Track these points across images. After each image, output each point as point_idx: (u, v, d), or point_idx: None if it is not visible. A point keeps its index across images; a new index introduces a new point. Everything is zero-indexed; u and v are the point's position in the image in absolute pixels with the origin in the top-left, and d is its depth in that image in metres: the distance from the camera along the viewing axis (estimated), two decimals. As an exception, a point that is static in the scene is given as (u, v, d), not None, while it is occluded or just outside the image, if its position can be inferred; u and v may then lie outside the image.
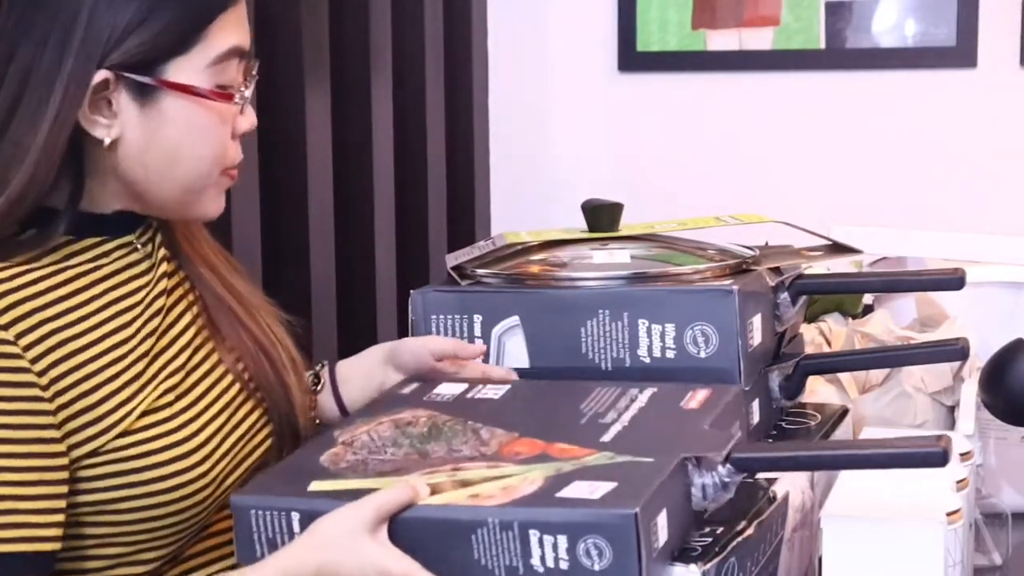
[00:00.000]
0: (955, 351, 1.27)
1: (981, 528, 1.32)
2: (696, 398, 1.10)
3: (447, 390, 1.19)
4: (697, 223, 1.39)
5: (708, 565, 0.92)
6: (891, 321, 1.56)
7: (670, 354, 1.16)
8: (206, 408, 1.14)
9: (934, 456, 0.93)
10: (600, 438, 1.03)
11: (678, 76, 2.86)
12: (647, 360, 1.16)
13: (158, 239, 1.19)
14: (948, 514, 1.00)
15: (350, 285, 2.20)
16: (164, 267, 1.17)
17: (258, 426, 1.21)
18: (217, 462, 1.13)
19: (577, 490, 0.93)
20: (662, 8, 2.83)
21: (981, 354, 1.40)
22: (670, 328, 1.16)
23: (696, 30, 2.84)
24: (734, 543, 0.96)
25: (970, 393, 1.34)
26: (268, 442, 1.22)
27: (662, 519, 0.92)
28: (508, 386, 1.19)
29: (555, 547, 0.90)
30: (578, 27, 2.91)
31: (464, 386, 1.19)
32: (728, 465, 0.97)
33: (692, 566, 0.92)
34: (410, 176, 2.43)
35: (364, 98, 2.23)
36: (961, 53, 2.75)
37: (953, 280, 1.29)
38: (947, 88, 2.78)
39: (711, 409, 1.08)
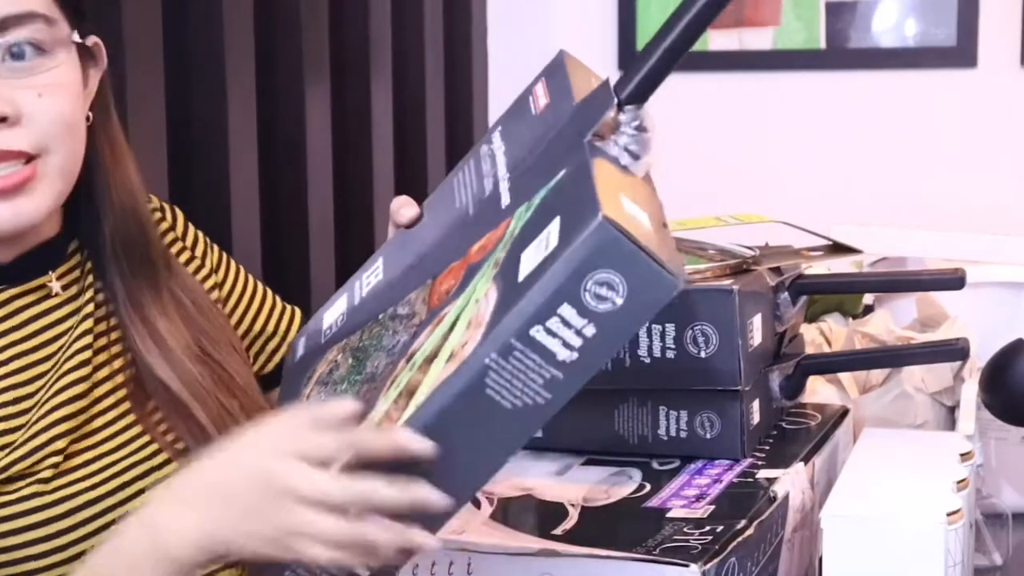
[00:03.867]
0: (955, 351, 1.27)
1: (981, 528, 1.32)
2: (538, 95, 0.95)
3: (332, 317, 1.03)
4: (697, 223, 1.39)
5: (708, 565, 0.92)
6: (891, 321, 1.56)
7: (670, 354, 1.16)
8: (93, 473, 1.03)
9: None
10: (500, 205, 0.87)
11: (678, 76, 2.86)
12: (647, 360, 1.16)
13: (88, 280, 1.09)
14: (948, 514, 0.99)
15: (350, 285, 2.20)
16: (88, 320, 1.06)
17: None
18: (95, 532, 1.01)
19: (531, 257, 0.77)
20: (662, 8, 2.83)
21: (981, 354, 1.39)
22: (670, 328, 1.16)
23: (696, 30, 2.84)
24: (734, 543, 0.96)
25: (970, 393, 1.34)
26: None
27: (628, 206, 0.78)
28: (380, 261, 1.02)
29: (566, 323, 0.75)
30: (578, 27, 2.91)
31: (343, 297, 1.03)
32: (625, 109, 0.84)
33: (692, 566, 0.92)
34: (410, 176, 2.43)
35: (364, 98, 2.23)
36: (961, 53, 2.75)
37: (953, 280, 1.29)
38: (947, 88, 2.78)
39: (558, 90, 0.92)
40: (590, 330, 0.75)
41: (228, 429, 1.06)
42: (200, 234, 1.23)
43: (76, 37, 1.03)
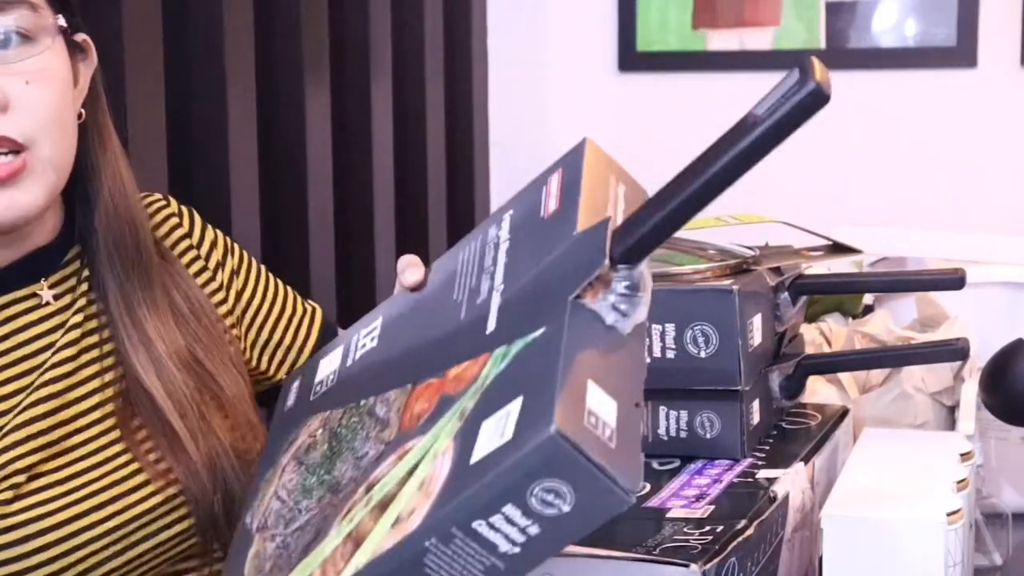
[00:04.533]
0: (955, 351, 1.27)
1: (981, 528, 1.32)
2: (551, 192, 0.92)
3: (326, 370, 1.03)
4: (697, 223, 1.39)
5: (708, 565, 0.92)
6: (891, 321, 1.56)
7: (670, 354, 1.16)
8: (61, 495, 1.00)
9: None
10: (485, 329, 0.86)
11: (678, 76, 2.87)
12: (647, 360, 1.16)
13: (83, 288, 1.07)
14: (948, 514, 0.99)
15: (350, 286, 2.20)
16: (74, 331, 1.04)
17: (162, 511, 1.05)
18: (61, 556, 0.99)
19: (488, 436, 0.76)
20: (662, 8, 2.83)
21: (981, 354, 1.39)
22: (670, 328, 1.15)
23: (696, 30, 2.84)
24: (734, 543, 0.96)
25: (970, 393, 1.34)
26: (179, 525, 1.06)
27: (595, 395, 0.76)
28: (378, 321, 1.01)
29: (509, 521, 0.74)
30: (578, 27, 2.91)
31: (339, 351, 1.03)
32: (619, 268, 0.81)
33: (692, 566, 0.92)
34: (410, 176, 2.43)
35: (364, 98, 2.23)
36: (961, 53, 2.75)
37: (953, 280, 1.29)
38: (947, 88, 2.78)
39: (568, 196, 0.90)
40: (534, 530, 0.74)
41: (207, 443, 1.05)
42: (220, 240, 1.20)
43: (62, 21, 1.02)
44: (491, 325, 0.85)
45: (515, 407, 0.76)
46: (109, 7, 1.59)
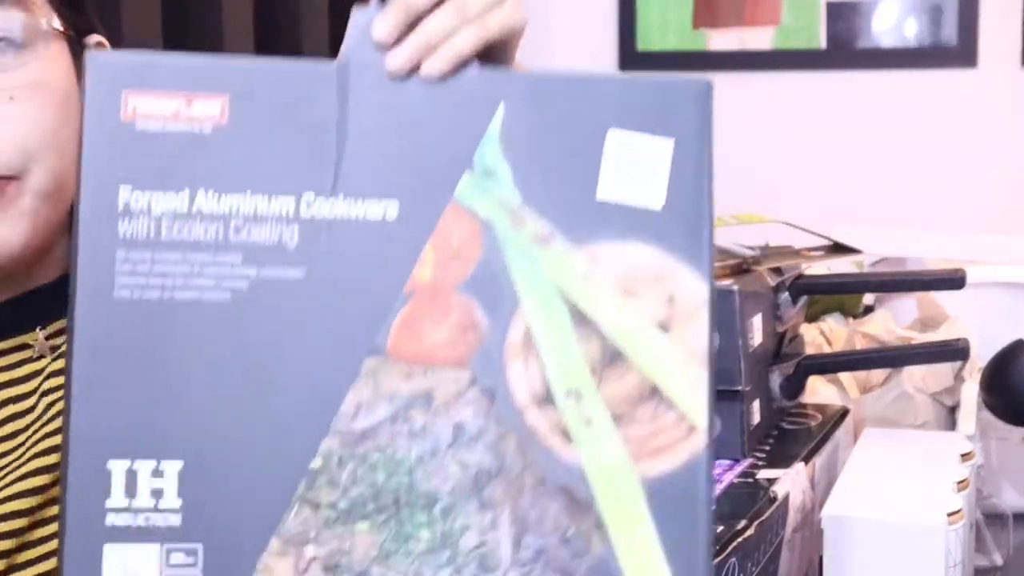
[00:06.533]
0: (956, 351, 1.27)
1: (982, 529, 1.32)
2: (173, 114, 0.64)
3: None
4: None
5: (708, 565, 0.92)
6: (892, 321, 1.56)
7: (670, 354, 1.16)
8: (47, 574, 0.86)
9: None
10: (389, 222, 0.63)
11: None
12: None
13: None
14: (949, 514, 0.99)
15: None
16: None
17: None
18: None
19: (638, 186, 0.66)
20: (662, 7, 2.83)
21: (982, 354, 1.39)
22: (670, 328, 1.15)
23: (696, 30, 2.84)
24: (734, 543, 0.96)
25: (971, 394, 1.34)
26: None
27: None
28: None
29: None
30: (578, 27, 2.91)
31: None
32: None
33: (692, 566, 0.92)
34: (410, 176, 2.43)
35: (364, 98, 2.23)
36: (961, 53, 2.75)
37: (954, 280, 1.29)
38: (947, 88, 2.78)
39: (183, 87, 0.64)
40: None
41: None
42: None
43: (57, 24, 0.85)
44: (391, 213, 0.62)
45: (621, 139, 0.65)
46: (109, 7, 1.59)
